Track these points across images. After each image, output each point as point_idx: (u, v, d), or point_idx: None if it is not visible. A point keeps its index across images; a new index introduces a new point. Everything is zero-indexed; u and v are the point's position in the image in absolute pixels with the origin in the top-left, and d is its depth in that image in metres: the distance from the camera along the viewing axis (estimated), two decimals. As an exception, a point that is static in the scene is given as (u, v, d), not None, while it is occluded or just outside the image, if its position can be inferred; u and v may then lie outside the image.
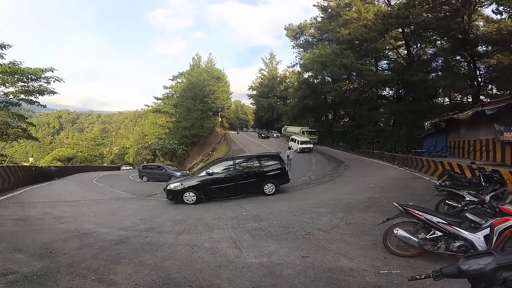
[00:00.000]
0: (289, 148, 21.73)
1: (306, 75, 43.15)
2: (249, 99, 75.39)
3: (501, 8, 22.19)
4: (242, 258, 4.77)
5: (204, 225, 7.23)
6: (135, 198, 13.61)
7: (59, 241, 5.93)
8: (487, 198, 5.31)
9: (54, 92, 23.70)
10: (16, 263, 4.57)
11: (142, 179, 22.22)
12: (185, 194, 10.54)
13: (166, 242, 5.83)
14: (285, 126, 48.54)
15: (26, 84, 22.67)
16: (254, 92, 71.53)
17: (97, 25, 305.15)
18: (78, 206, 10.93)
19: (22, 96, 22.97)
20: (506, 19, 23.54)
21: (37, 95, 23.39)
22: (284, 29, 44.68)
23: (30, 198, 12.51)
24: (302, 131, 38.03)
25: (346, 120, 41.62)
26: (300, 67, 44.70)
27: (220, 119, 69.77)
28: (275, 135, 53.15)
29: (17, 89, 22.72)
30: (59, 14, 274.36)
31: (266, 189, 11.07)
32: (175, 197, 10.67)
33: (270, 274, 4.07)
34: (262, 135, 50.88)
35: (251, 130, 75.77)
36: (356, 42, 30.36)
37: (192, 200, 10.49)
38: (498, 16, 23.66)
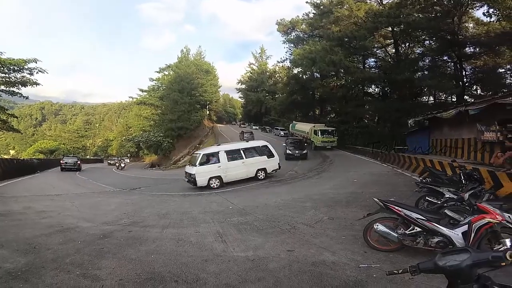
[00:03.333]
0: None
1: (295, 71, 43.20)
2: (238, 92, 75.06)
3: (491, 10, 22.86)
4: (228, 252, 4.83)
5: (190, 219, 7.24)
6: (118, 191, 13.46)
7: (43, 236, 5.83)
8: (466, 195, 5.46)
9: (37, 83, 23.29)
10: (-2, 259, 4.47)
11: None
12: None
13: (151, 236, 5.82)
14: (294, 122, 38.35)
15: (7, 75, 22.04)
16: (243, 86, 71.24)
17: (83, 15, 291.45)
18: (61, 200, 10.73)
19: (2, 87, 22.36)
20: (495, 22, 24.16)
21: (20, 86, 22.94)
22: (276, 24, 44.47)
23: (11, 192, 12.19)
24: (314, 130, 27.29)
25: (332, 116, 41.93)
26: (290, 62, 44.71)
27: (208, 112, 69.19)
28: (282, 133, 42.17)
29: (-3, 80, 22.10)
30: (43, 3, 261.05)
31: None
32: None
33: (256, 268, 4.14)
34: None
35: (250, 126, 61.80)
36: (346, 39, 30.55)
37: None
38: (488, 19, 24.29)
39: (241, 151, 13.93)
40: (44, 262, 4.40)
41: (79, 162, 27.09)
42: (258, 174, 14.07)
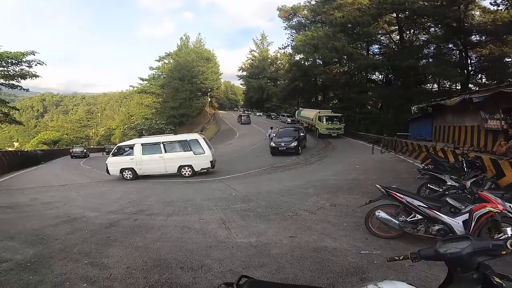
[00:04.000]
0: (271, 128, 22.24)
1: (297, 57, 42.61)
2: (239, 79, 74.64)
3: (499, 0, 22.38)
4: (231, 238, 4.91)
5: (194, 207, 7.32)
6: (123, 180, 13.55)
7: (50, 227, 5.93)
8: (468, 183, 5.43)
9: (36, 76, 23.57)
10: (8, 251, 4.57)
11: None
12: None
13: (156, 224, 5.91)
14: (300, 109, 36.70)
15: (6, 68, 22.21)
16: (244, 73, 70.70)
17: (79, 5, 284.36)
18: (66, 190, 10.86)
19: (2, 81, 22.53)
20: (503, 10, 23.62)
21: (19, 79, 23.24)
22: (277, 9, 43.46)
23: (17, 184, 12.35)
24: (319, 117, 25.39)
25: (335, 102, 41.58)
26: (291, 49, 44.08)
27: (209, 99, 69.08)
28: (289, 119, 39.67)
29: (-4, 74, 22.31)
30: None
31: None
32: None
33: (259, 254, 4.22)
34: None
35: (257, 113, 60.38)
36: (349, 25, 29.99)
37: None
38: (495, 7, 23.77)
39: (161, 145, 13.04)
40: (53, 252, 4.49)
41: (85, 150, 33.67)
42: (182, 171, 12.87)
